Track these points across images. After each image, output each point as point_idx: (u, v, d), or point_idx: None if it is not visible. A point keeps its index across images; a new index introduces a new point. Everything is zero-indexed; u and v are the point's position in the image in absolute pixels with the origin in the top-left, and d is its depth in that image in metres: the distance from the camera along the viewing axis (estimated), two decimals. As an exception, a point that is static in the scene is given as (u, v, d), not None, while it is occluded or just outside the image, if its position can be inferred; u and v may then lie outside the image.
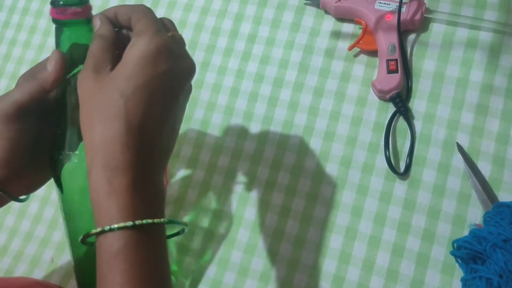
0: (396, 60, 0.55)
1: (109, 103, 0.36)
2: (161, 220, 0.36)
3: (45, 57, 0.43)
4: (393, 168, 0.53)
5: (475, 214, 0.51)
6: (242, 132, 0.59)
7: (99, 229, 0.35)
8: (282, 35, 0.61)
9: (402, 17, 0.56)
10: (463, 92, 0.55)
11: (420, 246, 0.51)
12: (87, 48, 0.40)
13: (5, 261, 0.60)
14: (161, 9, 0.66)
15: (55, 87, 0.42)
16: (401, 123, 0.55)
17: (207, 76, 0.62)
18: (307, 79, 0.59)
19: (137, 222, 0.35)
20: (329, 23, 0.61)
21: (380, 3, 0.57)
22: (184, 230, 0.42)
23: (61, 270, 0.58)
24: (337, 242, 0.53)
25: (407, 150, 0.54)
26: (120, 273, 0.34)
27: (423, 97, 0.56)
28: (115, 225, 0.35)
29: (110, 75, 0.37)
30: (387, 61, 0.55)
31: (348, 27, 0.60)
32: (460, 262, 0.48)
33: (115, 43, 0.40)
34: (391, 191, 0.53)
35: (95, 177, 0.36)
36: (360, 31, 0.58)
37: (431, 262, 0.50)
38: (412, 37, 0.58)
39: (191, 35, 0.64)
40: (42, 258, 0.59)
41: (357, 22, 0.59)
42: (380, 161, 0.54)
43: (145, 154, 0.37)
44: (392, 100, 0.55)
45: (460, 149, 0.53)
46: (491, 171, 0.52)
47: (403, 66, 0.56)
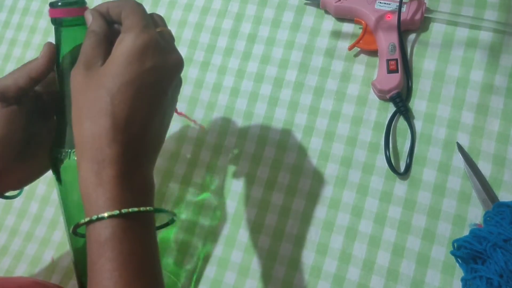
0: (396, 59, 0.55)
1: (97, 99, 0.37)
2: (147, 208, 0.37)
3: (44, 57, 0.43)
4: (393, 168, 0.53)
5: (475, 214, 0.51)
6: (242, 132, 0.59)
7: (87, 219, 0.36)
8: (282, 35, 0.61)
9: (402, 17, 0.56)
10: (464, 91, 0.55)
11: (420, 246, 0.51)
12: None
13: (6, 261, 0.60)
14: (161, 9, 0.66)
15: (41, 76, 0.43)
16: (401, 122, 0.55)
17: (207, 76, 0.62)
18: (307, 79, 0.59)
19: (124, 211, 0.36)
20: (329, 23, 0.61)
21: (380, 3, 0.57)
22: (173, 220, 0.43)
23: (61, 270, 0.58)
24: (337, 242, 0.53)
25: (407, 150, 0.54)
26: (109, 261, 0.35)
27: (423, 96, 0.56)
28: (102, 214, 0.36)
29: (99, 71, 0.38)
30: (387, 61, 0.55)
31: (348, 27, 0.60)
32: (460, 262, 0.48)
33: (107, 38, 0.40)
34: (391, 191, 0.53)
35: (84, 170, 0.37)
36: (360, 31, 0.58)
37: (431, 262, 0.50)
38: (412, 36, 0.58)
39: (191, 35, 0.64)
40: (43, 258, 0.59)
41: (357, 22, 0.59)
42: (380, 161, 0.54)
43: (133, 147, 0.38)
44: (392, 100, 0.55)
45: (460, 148, 0.53)
46: (491, 170, 0.52)
47: (403, 66, 0.56)
